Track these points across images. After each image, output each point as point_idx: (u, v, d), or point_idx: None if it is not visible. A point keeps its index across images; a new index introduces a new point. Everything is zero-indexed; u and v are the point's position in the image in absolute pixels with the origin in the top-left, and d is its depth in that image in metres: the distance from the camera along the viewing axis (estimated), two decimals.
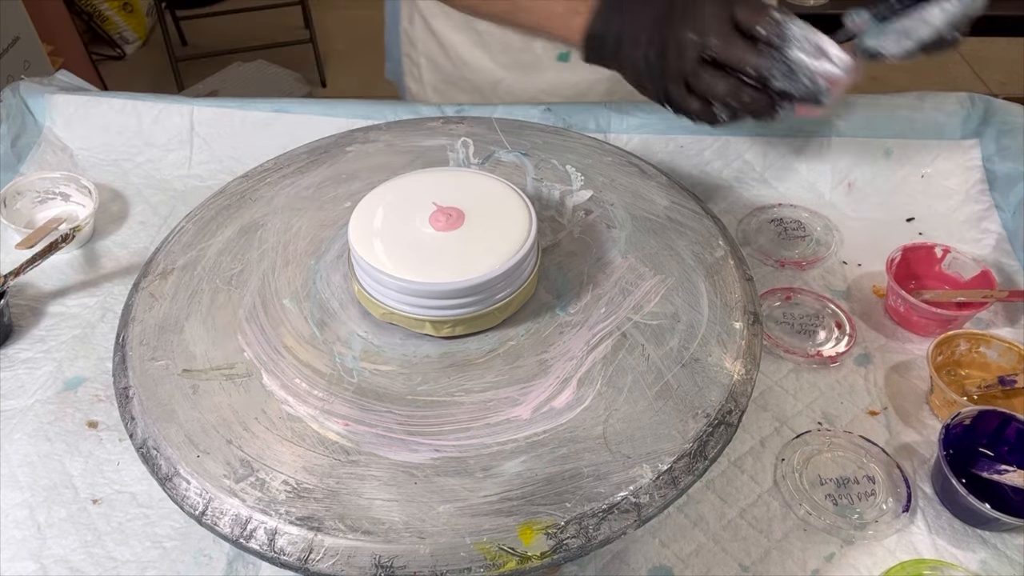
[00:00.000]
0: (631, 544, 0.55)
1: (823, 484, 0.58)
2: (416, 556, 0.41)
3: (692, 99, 0.59)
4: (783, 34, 0.55)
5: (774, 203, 0.81)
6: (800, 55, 0.55)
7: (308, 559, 0.41)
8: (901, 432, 0.62)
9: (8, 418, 0.63)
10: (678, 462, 0.44)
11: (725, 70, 0.57)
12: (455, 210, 0.51)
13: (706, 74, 0.57)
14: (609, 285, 0.54)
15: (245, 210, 0.61)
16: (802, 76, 0.55)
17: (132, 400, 0.49)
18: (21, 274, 0.70)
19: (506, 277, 0.49)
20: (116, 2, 2.54)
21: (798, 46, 0.55)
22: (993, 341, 0.64)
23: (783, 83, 0.55)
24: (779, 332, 0.68)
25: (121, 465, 0.60)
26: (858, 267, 0.75)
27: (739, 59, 0.56)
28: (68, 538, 0.56)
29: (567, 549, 0.41)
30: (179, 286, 0.55)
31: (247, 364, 0.49)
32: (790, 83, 0.55)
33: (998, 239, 0.76)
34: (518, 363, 0.49)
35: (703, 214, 0.60)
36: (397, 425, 0.46)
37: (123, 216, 0.81)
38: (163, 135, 0.85)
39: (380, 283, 0.49)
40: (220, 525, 0.43)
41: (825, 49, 0.54)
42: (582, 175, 0.63)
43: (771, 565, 0.54)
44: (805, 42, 0.55)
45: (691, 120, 0.60)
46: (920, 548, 0.55)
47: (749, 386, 0.49)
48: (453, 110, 0.81)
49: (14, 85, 0.87)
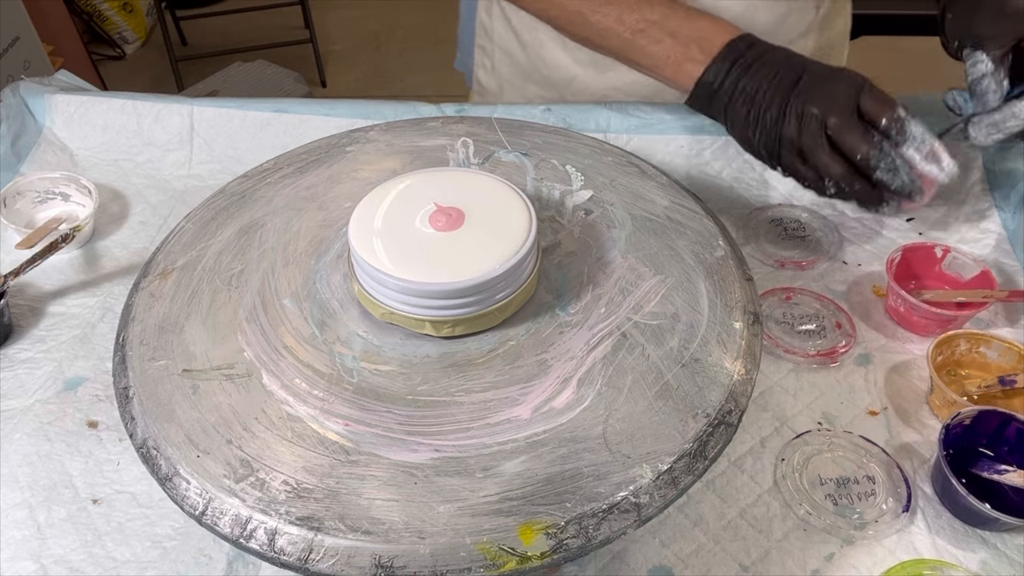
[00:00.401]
0: (631, 544, 0.55)
1: (823, 484, 0.58)
2: (416, 556, 0.41)
3: (806, 169, 0.61)
4: (903, 131, 0.58)
5: (774, 203, 0.81)
6: (914, 155, 0.58)
7: (308, 559, 0.41)
8: (901, 432, 0.62)
9: (8, 418, 0.63)
10: (678, 462, 0.44)
11: (838, 150, 0.59)
12: (455, 210, 0.51)
13: (823, 152, 0.59)
14: (609, 285, 0.54)
15: (245, 210, 0.61)
16: (903, 174, 0.58)
17: (132, 400, 0.49)
18: (21, 274, 0.70)
19: (506, 277, 0.49)
20: (116, 2, 2.54)
21: (914, 146, 0.58)
22: (993, 341, 0.64)
23: (884, 175, 0.58)
24: (779, 332, 0.68)
25: (121, 465, 0.60)
26: (858, 267, 0.75)
27: (852, 145, 0.58)
28: (68, 538, 0.56)
29: (567, 549, 0.41)
30: (179, 286, 0.55)
31: (247, 364, 0.49)
32: (891, 176, 0.58)
33: (998, 239, 0.76)
34: (518, 363, 0.49)
35: (703, 214, 0.60)
36: (397, 425, 0.46)
37: (123, 216, 0.81)
38: (163, 135, 0.85)
39: (380, 283, 0.49)
40: (220, 525, 0.43)
41: (939, 155, 0.58)
42: (582, 175, 0.63)
43: (771, 565, 0.54)
44: (923, 144, 0.58)
45: (800, 184, 0.63)
46: (920, 548, 0.55)
47: (749, 386, 0.49)
48: (453, 110, 0.81)
49: (14, 85, 0.87)
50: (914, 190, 0.59)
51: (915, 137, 0.58)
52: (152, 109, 0.85)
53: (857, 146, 0.58)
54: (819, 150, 0.59)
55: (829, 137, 0.59)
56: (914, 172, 0.59)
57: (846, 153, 0.59)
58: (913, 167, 0.59)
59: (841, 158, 0.60)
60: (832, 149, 0.60)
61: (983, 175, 0.78)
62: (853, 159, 0.59)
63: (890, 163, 0.58)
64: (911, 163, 0.59)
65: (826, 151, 0.59)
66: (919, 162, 0.59)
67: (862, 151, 0.58)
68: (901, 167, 0.58)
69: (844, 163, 0.60)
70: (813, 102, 0.59)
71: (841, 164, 0.59)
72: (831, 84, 0.60)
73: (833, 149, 0.60)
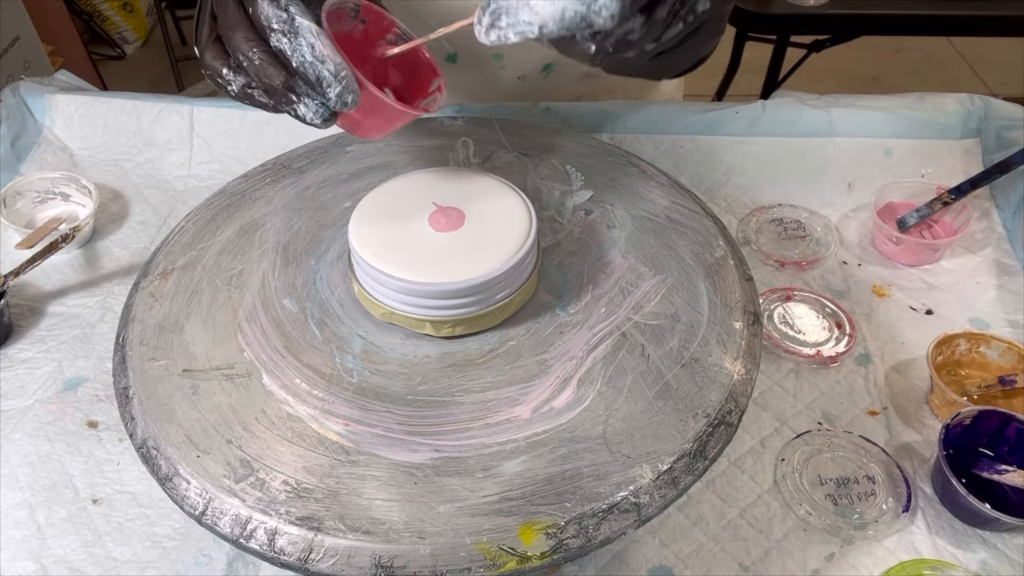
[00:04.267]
0: (631, 544, 0.55)
1: (823, 484, 0.58)
2: (416, 556, 0.41)
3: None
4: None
5: (774, 203, 0.81)
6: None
7: (308, 559, 0.41)
8: (901, 432, 0.62)
9: (8, 418, 0.63)
10: (678, 462, 0.44)
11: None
12: (455, 210, 0.51)
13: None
14: (609, 285, 0.54)
15: (245, 210, 0.61)
16: (306, 51, 0.43)
17: (132, 400, 0.49)
18: (21, 274, 0.70)
19: (506, 277, 0.49)
20: (116, 2, 2.54)
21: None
22: (993, 341, 0.64)
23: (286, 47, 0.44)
24: (779, 332, 0.68)
25: (121, 465, 0.60)
26: (858, 267, 0.75)
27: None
28: (68, 538, 0.56)
29: (567, 549, 0.41)
30: (179, 286, 0.55)
31: (247, 364, 0.49)
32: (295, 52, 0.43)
33: (998, 239, 0.76)
34: (518, 363, 0.49)
35: (703, 214, 0.60)
36: (397, 425, 0.46)
37: (123, 216, 0.81)
38: (163, 135, 0.85)
39: (380, 283, 0.49)
40: (220, 525, 0.43)
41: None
42: (582, 175, 0.63)
43: (771, 565, 0.54)
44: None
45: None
46: (920, 548, 0.55)
47: (749, 386, 0.49)
48: (453, 110, 0.81)
49: (14, 85, 0.87)
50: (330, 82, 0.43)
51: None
52: (152, 109, 0.85)
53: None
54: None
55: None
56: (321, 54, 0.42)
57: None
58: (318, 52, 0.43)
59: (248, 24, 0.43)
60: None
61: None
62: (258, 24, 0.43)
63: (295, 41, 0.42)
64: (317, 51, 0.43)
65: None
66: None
67: (264, 12, 0.43)
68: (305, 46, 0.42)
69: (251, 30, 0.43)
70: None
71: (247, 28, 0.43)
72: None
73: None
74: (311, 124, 0.45)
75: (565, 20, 0.39)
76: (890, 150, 0.80)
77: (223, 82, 0.45)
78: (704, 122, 0.81)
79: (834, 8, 1.54)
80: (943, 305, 0.71)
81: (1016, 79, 2.39)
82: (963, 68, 2.52)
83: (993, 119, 0.79)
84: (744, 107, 0.81)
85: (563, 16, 0.39)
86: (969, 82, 2.45)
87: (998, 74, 2.46)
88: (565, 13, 0.39)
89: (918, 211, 0.74)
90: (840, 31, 1.62)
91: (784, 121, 0.81)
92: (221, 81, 0.45)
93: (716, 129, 0.81)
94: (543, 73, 0.80)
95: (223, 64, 0.45)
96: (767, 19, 1.56)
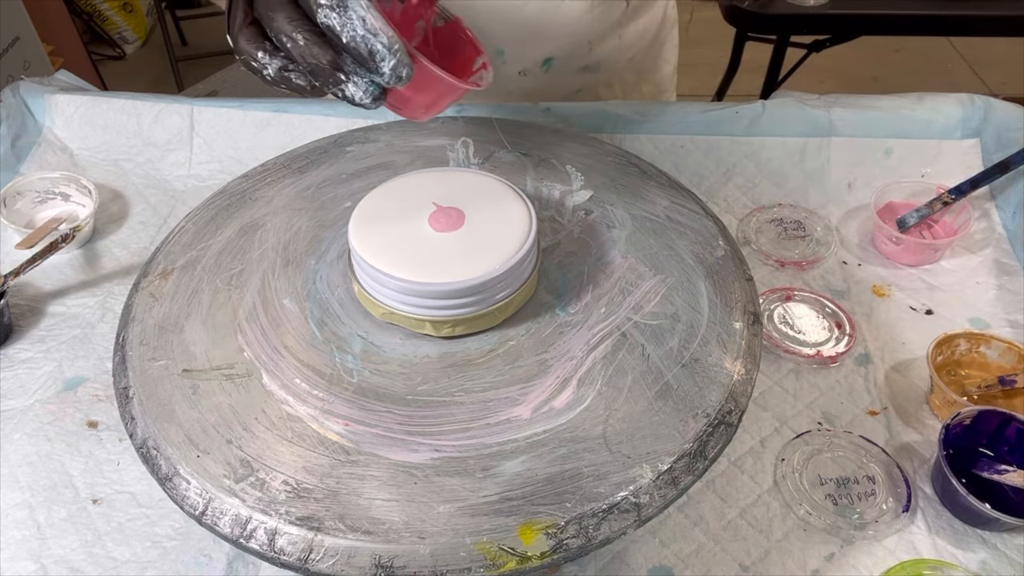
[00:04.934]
0: (631, 544, 0.55)
1: (823, 484, 0.58)
2: (416, 556, 0.41)
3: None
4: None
5: (774, 203, 0.81)
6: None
7: (308, 559, 0.41)
8: (901, 432, 0.62)
9: (8, 418, 0.63)
10: (678, 462, 0.44)
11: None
12: (455, 210, 0.51)
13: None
14: (609, 285, 0.54)
15: (245, 210, 0.61)
16: (357, 25, 0.42)
17: (132, 400, 0.49)
18: (21, 274, 0.70)
19: (506, 277, 0.49)
20: (116, 2, 2.54)
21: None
22: (993, 341, 0.64)
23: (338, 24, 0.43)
24: (779, 332, 0.68)
25: (121, 465, 0.60)
26: (858, 267, 0.75)
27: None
28: (68, 538, 0.56)
29: (567, 549, 0.41)
30: (179, 286, 0.55)
31: (247, 364, 0.49)
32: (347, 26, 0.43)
33: (998, 239, 0.76)
34: (518, 363, 0.49)
35: (703, 214, 0.60)
36: (397, 425, 0.46)
37: (123, 216, 0.81)
38: (163, 135, 0.85)
39: (380, 283, 0.49)
40: (220, 525, 0.43)
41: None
42: (582, 175, 0.63)
43: (771, 565, 0.54)
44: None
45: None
46: (920, 548, 0.55)
47: (749, 386, 0.49)
48: (453, 110, 0.81)
49: (14, 85, 0.87)
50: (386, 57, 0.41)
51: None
52: (152, 109, 0.85)
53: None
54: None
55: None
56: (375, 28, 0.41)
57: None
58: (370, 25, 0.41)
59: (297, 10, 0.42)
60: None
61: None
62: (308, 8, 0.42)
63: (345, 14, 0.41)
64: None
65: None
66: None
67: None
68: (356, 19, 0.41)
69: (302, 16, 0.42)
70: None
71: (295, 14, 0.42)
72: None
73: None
74: (360, 104, 0.43)
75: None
76: (890, 150, 0.80)
77: (258, 66, 0.43)
78: (704, 122, 0.81)
79: (834, 8, 1.54)
80: (943, 305, 0.71)
81: (1016, 79, 2.39)
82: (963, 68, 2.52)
83: (993, 119, 0.79)
84: (744, 107, 0.81)
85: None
86: (969, 82, 2.45)
87: (998, 74, 2.46)
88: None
89: (918, 211, 0.74)
90: (840, 31, 1.62)
91: (784, 121, 0.81)
92: (256, 65, 0.43)
93: (716, 129, 0.81)
94: (543, 67, 0.80)
95: (258, 48, 0.43)
96: (767, 19, 1.56)
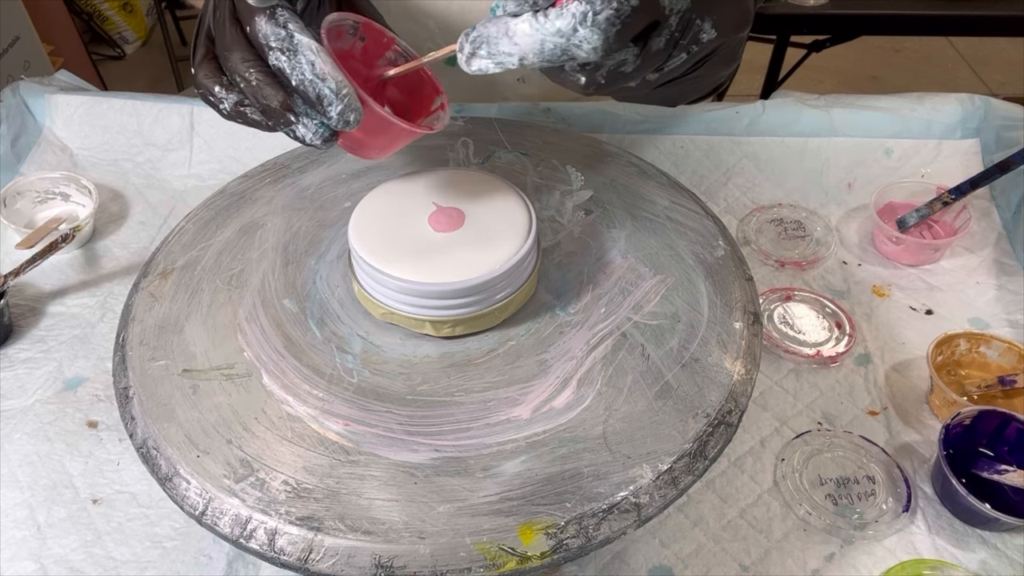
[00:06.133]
0: (631, 544, 0.55)
1: (823, 484, 0.58)
2: (416, 556, 0.41)
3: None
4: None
5: (774, 203, 0.81)
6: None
7: (308, 559, 0.41)
8: (901, 432, 0.62)
9: (8, 418, 0.63)
10: (678, 462, 0.44)
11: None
12: (455, 210, 0.51)
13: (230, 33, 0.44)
14: (609, 285, 0.54)
15: (245, 210, 0.61)
16: (306, 69, 0.42)
17: (132, 400, 0.49)
18: (21, 274, 0.70)
19: (506, 277, 0.49)
20: (116, 2, 2.54)
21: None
22: (993, 341, 0.64)
23: (285, 65, 0.43)
24: (779, 332, 0.68)
25: (121, 465, 0.60)
26: (858, 267, 0.75)
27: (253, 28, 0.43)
28: (68, 538, 0.56)
29: (567, 549, 0.41)
30: (179, 286, 0.55)
31: (247, 364, 0.49)
32: (294, 69, 0.43)
33: (998, 239, 0.76)
34: (518, 363, 0.49)
35: (703, 214, 0.60)
36: (397, 425, 0.46)
37: (123, 216, 0.81)
38: (163, 135, 0.85)
39: (380, 283, 0.49)
40: (220, 525, 0.43)
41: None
42: (582, 175, 0.63)
43: (771, 565, 0.54)
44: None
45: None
46: (920, 548, 0.55)
47: (749, 386, 0.49)
48: (453, 110, 0.81)
49: (14, 85, 0.87)
50: (331, 100, 0.41)
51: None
52: (152, 109, 0.85)
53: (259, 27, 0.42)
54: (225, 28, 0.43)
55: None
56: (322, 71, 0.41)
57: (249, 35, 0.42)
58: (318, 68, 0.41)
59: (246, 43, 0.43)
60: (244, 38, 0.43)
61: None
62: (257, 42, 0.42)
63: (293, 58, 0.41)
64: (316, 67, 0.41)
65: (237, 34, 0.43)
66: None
67: (262, 30, 0.41)
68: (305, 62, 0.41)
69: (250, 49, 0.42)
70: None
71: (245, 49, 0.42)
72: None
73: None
74: (311, 145, 0.44)
75: (545, 52, 0.37)
76: (890, 150, 0.80)
77: (215, 100, 0.44)
78: (704, 122, 0.81)
79: (834, 8, 1.54)
80: (943, 305, 0.71)
81: (1016, 79, 2.39)
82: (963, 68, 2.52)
83: (993, 119, 0.79)
84: (744, 107, 0.81)
85: (543, 48, 0.37)
86: (969, 82, 2.45)
87: (998, 74, 2.46)
88: (544, 45, 0.37)
89: (918, 211, 0.74)
90: (840, 31, 1.62)
91: (784, 121, 0.81)
92: (213, 99, 0.44)
93: (716, 129, 0.81)
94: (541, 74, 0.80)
95: (215, 83, 0.44)
96: (767, 19, 1.56)
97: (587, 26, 0.35)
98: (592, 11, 0.35)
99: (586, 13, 0.35)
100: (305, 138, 0.43)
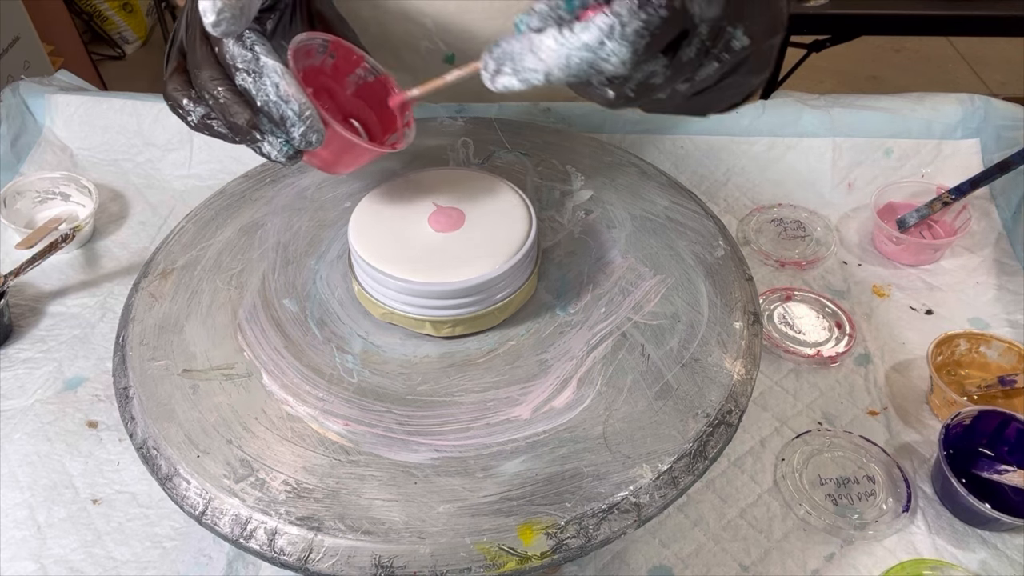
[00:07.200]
0: (631, 544, 0.55)
1: (823, 484, 0.58)
2: (416, 556, 0.41)
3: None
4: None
5: (774, 203, 0.81)
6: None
7: (308, 559, 0.41)
8: (901, 432, 0.62)
9: (8, 418, 0.63)
10: (678, 462, 0.44)
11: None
12: (455, 210, 0.51)
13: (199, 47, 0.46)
14: (609, 285, 0.54)
15: (245, 210, 0.61)
16: (271, 91, 0.44)
17: (132, 400, 0.49)
18: (21, 274, 0.70)
19: (506, 277, 0.49)
20: (116, 2, 2.54)
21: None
22: (993, 341, 0.64)
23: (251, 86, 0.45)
24: (779, 332, 0.68)
25: (121, 465, 0.60)
26: (858, 267, 0.75)
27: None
28: (68, 538, 0.56)
29: (567, 549, 0.41)
30: (179, 286, 0.55)
31: (247, 364, 0.49)
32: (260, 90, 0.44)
33: (998, 239, 0.76)
34: (518, 363, 0.49)
35: (703, 214, 0.60)
36: (397, 425, 0.46)
37: (123, 216, 0.81)
38: (163, 135, 0.85)
39: (380, 283, 0.49)
40: (220, 525, 0.43)
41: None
42: (582, 175, 0.63)
43: (771, 565, 0.54)
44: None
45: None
46: (920, 548, 0.55)
47: (749, 386, 0.49)
48: (453, 110, 0.81)
49: (14, 85, 0.87)
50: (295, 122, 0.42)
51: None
52: (152, 109, 0.85)
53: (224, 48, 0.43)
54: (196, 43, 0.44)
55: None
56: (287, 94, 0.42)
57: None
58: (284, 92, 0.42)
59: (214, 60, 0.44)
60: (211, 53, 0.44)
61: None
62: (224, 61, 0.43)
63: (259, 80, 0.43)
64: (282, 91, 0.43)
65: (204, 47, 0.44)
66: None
67: (230, 52, 0.43)
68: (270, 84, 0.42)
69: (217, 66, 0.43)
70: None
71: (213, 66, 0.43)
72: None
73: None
74: (276, 162, 0.45)
75: (572, 67, 0.36)
76: (890, 150, 0.80)
77: (183, 112, 0.46)
78: (704, 122, 0.81)
79: (834, 8, 1.54)
80: (943, 305, 0.71)
81: (1016, 79, 2.39)
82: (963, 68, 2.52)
83: (993, 119, 0.79)
84: (744, 107, 0.81)
85: (569, 63, 0.36)
86: (969, 82, 2.45)
87: (998, 74, 2.46)
88: (571, 60, 0.36)
89: (918, 211, 0.74)
90: (840, 31, 1.62)
91: (784, 121, 0.81)
92: (181, 111, 0.46)
93: (716, 129, 0.81)
94: None
95: (184, 95, 0.45)
96: None
97: (615, 39, 0.35)
98: (620, 23, 0.34)
99: (613, 25, 0.34)
100: (270, 155, 0.44)
